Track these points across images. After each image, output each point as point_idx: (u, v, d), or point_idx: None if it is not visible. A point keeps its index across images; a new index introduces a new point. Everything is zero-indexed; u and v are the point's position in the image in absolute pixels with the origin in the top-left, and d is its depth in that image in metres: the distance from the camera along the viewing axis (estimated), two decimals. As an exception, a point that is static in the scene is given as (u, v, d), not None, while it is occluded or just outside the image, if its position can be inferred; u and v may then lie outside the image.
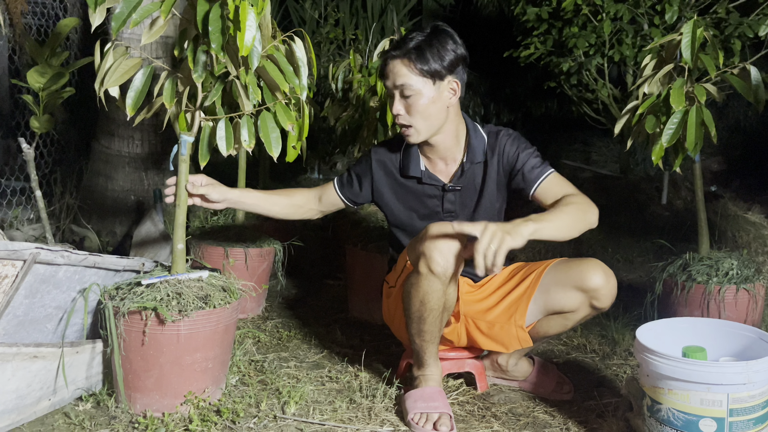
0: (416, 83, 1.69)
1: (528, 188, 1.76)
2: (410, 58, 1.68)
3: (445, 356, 1.86)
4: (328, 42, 4.37)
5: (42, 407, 1.60)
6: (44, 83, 1.99)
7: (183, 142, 1.67)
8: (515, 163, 1.77)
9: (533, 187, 1.75)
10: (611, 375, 2.02)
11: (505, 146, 1.79)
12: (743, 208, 3.79)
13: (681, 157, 2.13)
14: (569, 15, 3.52)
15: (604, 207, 1.88)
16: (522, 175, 1.76)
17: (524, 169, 1.76)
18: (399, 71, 1.70)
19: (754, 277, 2.20)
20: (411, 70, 1.69)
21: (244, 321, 2.43)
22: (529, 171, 1.75)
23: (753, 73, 1.99)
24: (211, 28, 1.47)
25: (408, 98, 1.70)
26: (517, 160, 1.77)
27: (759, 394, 1.36)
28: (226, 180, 1.93)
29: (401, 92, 1.70)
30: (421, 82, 1.69)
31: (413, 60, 1.68)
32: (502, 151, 1.79)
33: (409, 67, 1.69)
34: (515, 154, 1.77)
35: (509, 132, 1.81)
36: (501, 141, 1.79)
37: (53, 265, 1.54)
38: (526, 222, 1.49)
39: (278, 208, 1.91)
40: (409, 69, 1.69)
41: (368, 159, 1.88)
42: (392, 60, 1.71)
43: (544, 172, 1.75)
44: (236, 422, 1.62)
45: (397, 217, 1.87)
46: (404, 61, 1.69)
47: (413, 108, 1.70)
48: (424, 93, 1.69)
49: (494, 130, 1.82)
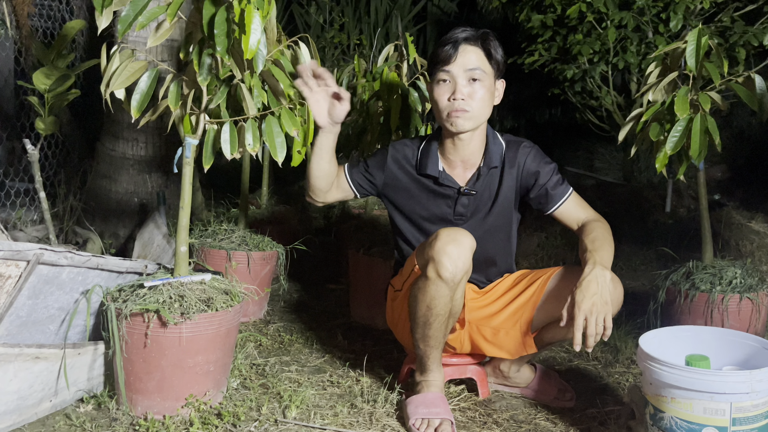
0: (487, 71, 1.72)
1: (548, 206, 1.79)
2: (485, 47, 1.72)
3: (448, 362, 1.85)
4: (333, 47, 4.38)
5: (43, 408, 1.60)
6: (50, 85, 2.00)
7: (187, 144, 1.67)
8: (537, 178, 1.79)
9: (555, 205, 1.79)
10: (613, 383, 2.01)
11: (527, 160, 1.80)
12: (747, 217, 3.78)
13: (685, 165, 2.12)
14: (574, 22, 3.52)
15: (608, 214, 1.89)
16: (544, 191, 1.79)
17: (547, 186, 1.79)
18: (476, 56, 1.71)
19: (757, 286, 2.19)
20: (487, 56, 1.72)
21: (246, 324, 2.42)
22: (552, 188, 1.79)
23: (758, 81, 1.99)
24: (217, 31, 1.47)
25: (474, 83, 1.71)
26: (539, 176, 1.79)
27: (762, 404, 1.36)
28: (230, 183, 1.94)
29: (471, 77, 1.70)
30: (490, 71, 1.73)
31: (489, 48, 1.72)
32: (522, 163, 1.80)
33: (485, 54, 1.72)
34: (536, 170, 1.79)
35: (531, 145, 1.83)
36: (522, 153, 1.80)
37: (57, 266, 1.55)
38: (602, 270, 1.59)
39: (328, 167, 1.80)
40: (485, 55, 1.72)
41: (385, 152, 1.86)
42: (468, 44, 1.71)
43: (566, 192, 1.80)
44: (237, 426, 1.61)
45: (406, 216, 1.86)
46: (479, 49, 1.71)
47: (476, 95, 1.71)
48: (488, 83, 1.72)
49: (514, 140, 1.83)
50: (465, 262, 1.59)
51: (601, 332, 1.53)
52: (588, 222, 1.77)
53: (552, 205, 1.79)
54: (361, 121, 2.59)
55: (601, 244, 1.67)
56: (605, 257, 1.63)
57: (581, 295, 1.55)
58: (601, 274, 1.57)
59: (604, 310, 1.54)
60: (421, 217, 1.83)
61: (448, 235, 1.58)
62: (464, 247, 1.58)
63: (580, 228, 1.78)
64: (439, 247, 1.57)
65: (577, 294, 1.56)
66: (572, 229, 1.82)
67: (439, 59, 1.73)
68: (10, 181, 2.84)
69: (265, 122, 1.65)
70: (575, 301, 1.55)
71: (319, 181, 1.79)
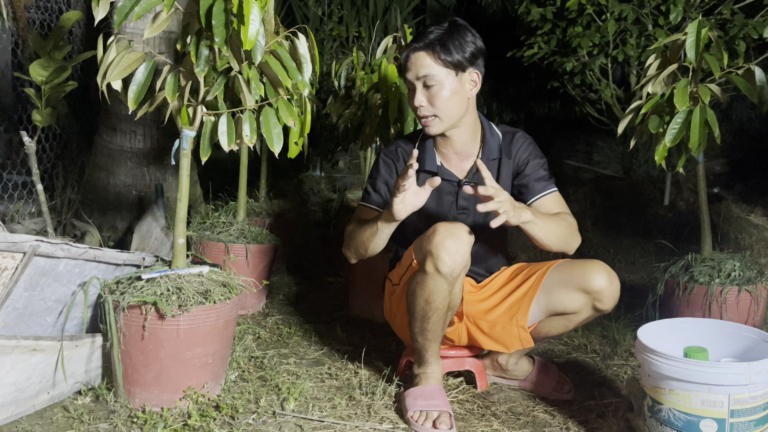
0: (439, 74, 1.70)
1: (528, 196, 1.80)
2: (434, 50, 1.70)
3: (446, 354, 1.85)
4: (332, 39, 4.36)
5: (41, 400, 1.60)
6: (47, 77, 1.99)
7: (185, 136, 1.66)
8: (525, 168, 1.80)
9: (534, 197, 1.79)
10: (612, 375, 2.01)
11: (520, 149, 1.82)
12: (746, 210, 3.78)
13: (684, 158, 2.12)
14: (573, 15, 3.51)
15: (607, 208, 1.90)
16: (527, 181, 1.79)
17: (532, 177, 1.79)
18: (422, 62, 1.70)
19: (756, 278, 2.19)
20: (435, 60, 1.70)
21: (244, 317, 2.42)
22: (536, 181, 1.79)
23: (757, 73, 1.98)
24: (215, 22, 1.46)
25: (430, 89, 1.70)
26: (527, 166, 1.80)
27: (760, 396, 1.35)
28: (228, 176, 1.93)
29: (424, 83, 1.70)
30: (444, 73, 1.70)
31: (437, 51, 1.69)
32: (516, 152, 1.81)
33: (432, 58, 1.70)
34: (526, 159, 1.81)
35: (526, 136, 1.84)
36: (517, 143, 1.82)
37: (53, 258, 1.54)
38: (527, 209, 1.61)
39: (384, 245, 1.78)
40: (433, 60, 1.70)
41: (387, 158, 1.85)
42: (415, 52, 1.71)
43: (549, 187, 1.80)
44: (235, 418, 1.61)
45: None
46: (428, 53, 1.70)
47: (435, 98, 1.70)
48: (447, 84, 1.70)
49: (510, 131, 1.84)
50: (464, 256, 1.58)
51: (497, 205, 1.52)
52: (561, 213, 1.78)
53: (531, 196, 1.79)
54: (360, 114, 2.58)
55: (551, 220, 1.68)
56: (540, 217, 1.64)
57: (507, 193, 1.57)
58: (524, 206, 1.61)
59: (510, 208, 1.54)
60: (422, 211, 1.81)
61: (446, 230, 1.58)
62: (462, 241, 1.58)
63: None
64: (438, 242, 1.57)
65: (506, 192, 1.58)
66: None
67: (400, 68, 1.78)
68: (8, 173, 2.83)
69: (262, 113, 1.64)
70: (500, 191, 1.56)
71: (372, 254, 1.77)
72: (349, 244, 1.80)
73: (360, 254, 1.79)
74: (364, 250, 1.76)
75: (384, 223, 1.69)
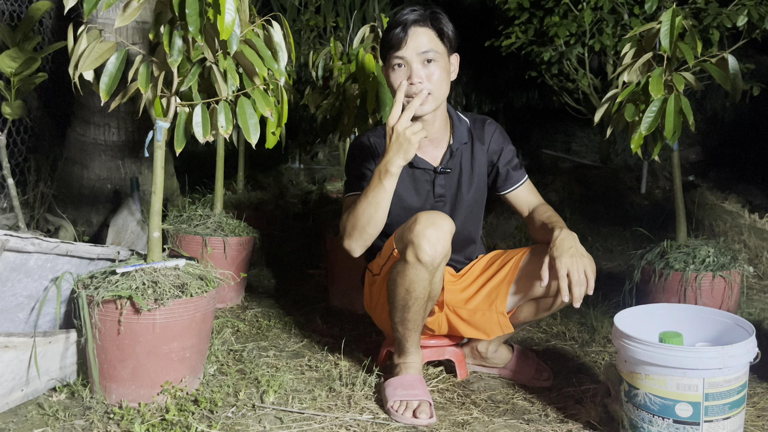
0: (440, 50, 1.70)
1: (505, 186, 1.83)
2: (436, 27, 1.69)
3: (426, 344, 1.85)
4: (309, 30, 4.32)
5: (15, 398, 1.57)
6: (16, 68, 1.94)
7: (158, 128, 1.64)
8: (499, 157, 1.83)
9: (511, 187, 1.83)
10: (590, 362, 2.03)
11: (493, 136, 1.84)
12: (720, 197, 3.84)
13: (659, 146, 2.14)
14: (550, 4, 3.52)
15: (584, 196, 1.92)
16: (505, 171, 1.82)
17: (508, 166, 1.83)
18: (424, 38, 1.68)
19: (730, 264, 2.23)
20: (437, 36, 1.69)
21: (222, 310, 2.40)
22: (513, 169, 1.83)
23: (731, 62, 2.01)
24: (189, 11, 1.44)
25: (430, 65, 1.68)
26: (501, 155, 1.83)
27: (734, 379, 1.38)
28: (205, 169, 1.90)
29: (425, 59, 1.68)
30: (442, 50, 1.70)
31: (439, 27, 1.69)
32: (489, 140, 1.83)
33: (435, 34, 1.69)
34: (500, 148, 1.83)
35: (495, 123, 1.87)
36: (489, 129, 1.84)
37: (24, 253, 1.51)
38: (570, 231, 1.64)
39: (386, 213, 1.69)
40: (436, 35, 1.69)
41: (361, 141, 1.81)
42: (416, 26, 1.68)
43: (523, 176, 1.86)
44: (214, 411, 1.60)
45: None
46: (430, 29, 1.69)
47: (433, 76, 1.69)
48: (442, 62, 1.70)
49: (479, 117, 1.86)
50: (444, 245, 1.58)
51: (584, 282, 1.55)
52: (540, 205, 1.83)
53: (509, 186, 1.83)
54: (338, 105, 2.56)
55: (558, 219, 1.73)
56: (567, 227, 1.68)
57: (558, 251, 1.58)
58: (570, 234, 1.62)
59: (582, 261, 1.57)
60: (401, 201, 1.80)
61: (427, 219, 1.57)
62: (443, 230, 1.58)
63: (531, 212, 1.83)
64: (418, 231, 1.56)
65: (554, 251, 1.58)
66: (521, 213, 1.87)
67: (391, 44, 1.70)
68: (-22, 168, 2.77)
69: (238, 104, 1.62)
70: (553, 257, 1.58)
71: (378, 229, 1.65)
72: (351, 233, 1.66)
73: (368, 235, 1.65)
74: (372, 227, 1.64)
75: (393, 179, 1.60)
